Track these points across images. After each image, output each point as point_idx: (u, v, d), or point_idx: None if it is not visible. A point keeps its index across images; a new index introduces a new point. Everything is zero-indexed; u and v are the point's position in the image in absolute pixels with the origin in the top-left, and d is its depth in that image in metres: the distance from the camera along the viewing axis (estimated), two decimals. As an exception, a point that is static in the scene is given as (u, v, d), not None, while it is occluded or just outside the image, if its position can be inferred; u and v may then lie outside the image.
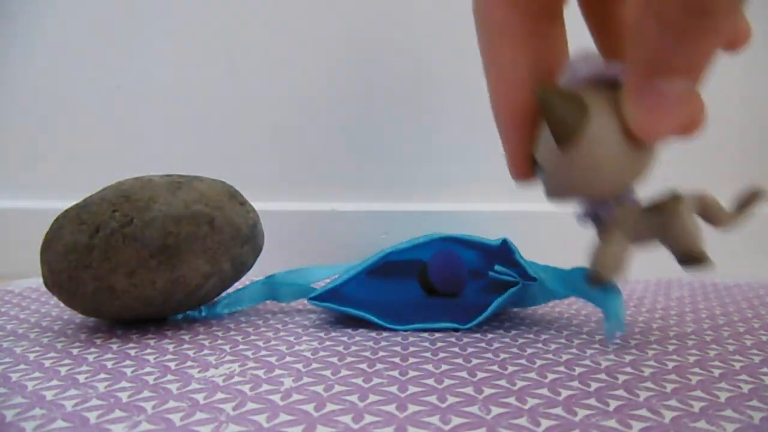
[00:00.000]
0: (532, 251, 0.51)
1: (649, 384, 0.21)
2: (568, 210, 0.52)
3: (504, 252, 0.31)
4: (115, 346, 0.27)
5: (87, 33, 0.58)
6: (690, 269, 0.22)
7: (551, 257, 0.50)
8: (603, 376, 0.22)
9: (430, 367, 0.23)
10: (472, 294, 0.36)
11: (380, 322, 0.29)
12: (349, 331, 0.29)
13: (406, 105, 0.56)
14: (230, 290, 0.35)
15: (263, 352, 0.26)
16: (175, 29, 0.57)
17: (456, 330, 0.29)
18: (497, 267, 0.31)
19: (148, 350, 0.26)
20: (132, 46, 0.58)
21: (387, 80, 0.56)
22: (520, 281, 0.29)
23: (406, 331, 0.29)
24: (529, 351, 0.25)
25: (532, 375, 0.22)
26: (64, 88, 0.59)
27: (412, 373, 0.22)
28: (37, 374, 0.23)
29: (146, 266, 0.28)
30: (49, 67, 0.59)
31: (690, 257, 0.22)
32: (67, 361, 0.25)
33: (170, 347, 0.27)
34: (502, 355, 0.25)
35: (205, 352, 0.26)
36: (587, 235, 0.51)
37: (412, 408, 0.18)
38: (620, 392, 0.20)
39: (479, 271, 0.37)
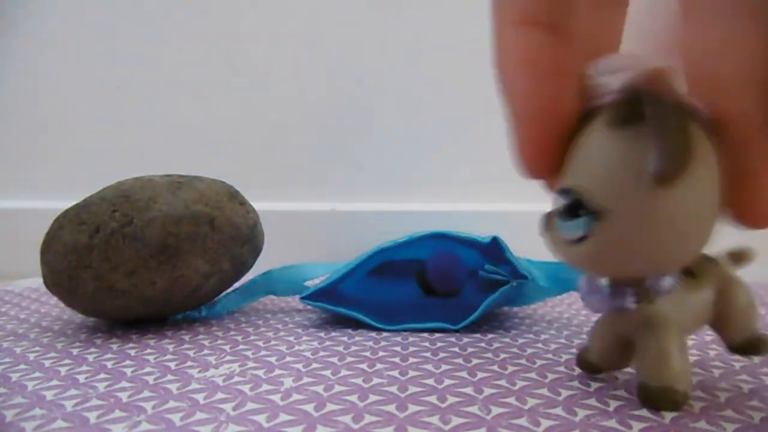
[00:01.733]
0: (531, 251, 0.51)
1: (649, 384, 0.21)
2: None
3: (495, 249, 0.31)
4: (115, 346, 0.27)
5: (87, 33, 0.58)
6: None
7: (547, 257, 0.50)
8: (603, 376, 0.22)
9: (430, 367, 0.23)
10: (471, 294, 0.36)
11: (371, 322, 0.29)
12: (349, 331, 0.29)
13: (406, 105, 0.56)
14: (230, 290, 0.35)
15: (263, 352, 0.26)
16: (175, 29, 0.57)
17: (449, 330, 0.29)
18: (486, 266, 0.31)
19: (148, 350, 0.26)
20: (132, 46, 0.58)
21: (388, 80, 0.56)
22: (510, 280, 0.29)
23: (397, 331, 0.29)
24: (529, 351, 0.25)
25: (532, 375, 0.22)
26: (64, 89, 0.59)
27: (412, 373, 0.22)
28: (37, 374, 0.23)
29: (146, 266, 0.28)
30: (49, 67, 0.59)
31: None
32: (67, 361, 0.25)
33: (170, 347, 0.27)
34: (502, 355, 0.25)
35: (205, 352, 0.26)
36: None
37: (412, 408, 0.18)
38: (620, 392, 0.20)
39: (478, 271, 0.37)
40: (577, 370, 0.22)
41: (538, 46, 0.15)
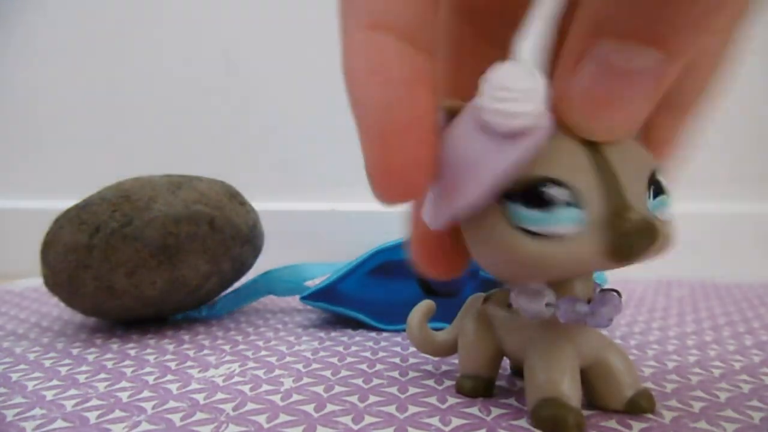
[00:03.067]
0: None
1: (649, 384, 0.21)
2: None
3: None
4: (115, 346, 0.27)
5: (87, 33, 0.58)
6: None
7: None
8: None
9: (430, 367, 0.23)
10: (470, 294, 0.36)
11: (371, 322, 0.29)
12: (349, 331, 0.29)
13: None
14: (230, 290, 0.35)
15: (263, 352, 0.26)
16: (175, 29, 0.57)
17: None
18: None
19: (148, 350, 0.26)
20: (132, 46, 0.58)
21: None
22: None
23: (397, 331, 0.29)
24: (529, 351, 0.25)
25: (532, 375, 0.22)
26: (64, 89, 0.59)
27: (412, 374, 0.22)
28: (37, 374, 0.23)
29: (146, 266, 0.28)
30: (49, 67, 0.59)
31: None
32: (67, 361, 0.25)
33: (170, 347, 0.27)
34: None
35: (205, 352, 0.26)
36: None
37: (413, 409, 0.18)
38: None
39: (478, 271, 0.37)
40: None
41: (391, 52, 0.13)
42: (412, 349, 0.26)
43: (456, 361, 0.24)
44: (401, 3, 0.13)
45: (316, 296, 0.31)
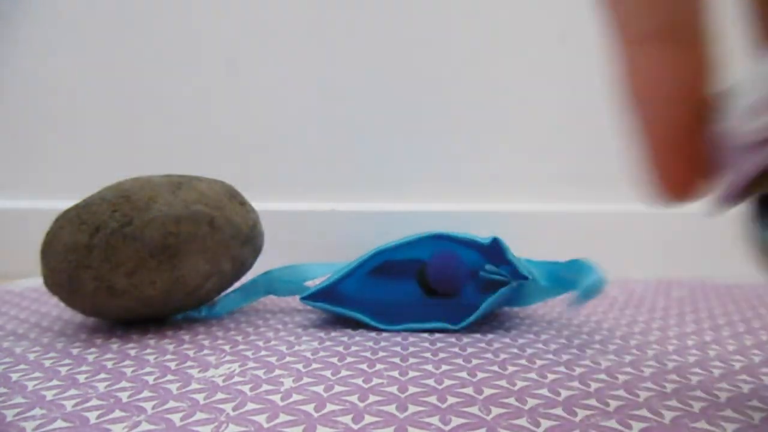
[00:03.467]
0: (528, 251, 0.51)
1: (649, 384, 0.21)
2: (562, 209, 0.52)
3: (496, 250, 0.31)
4: (115, 346, 0.27)
5: (87, 34, 0.58)
6: None
7: (547, 257, 0.50)
8: (603, 376, 0.22)
9: (430, 367, 0.23)
10: (471, 294, 0.37)
11: (371, 322, 0.29)
12: (349, 331, 0.29)
13: (406, 105, 0.56)
14: (230, 290, 0.35)
15: (263, 352, 0.26)
16: (177, 30, 0.57)
17: (450, 330, 0.29)
18: (487, 266, 0.31)
19: (148, 350, 0.26)
20: (132, 46, 0.58)
21: (387, 80, 0.56)
22: (510, 281, 0.29)
23: (397, 331, 0.29)
24: (529, 351, 0.25)
25: (532, 375, 0.22)
26: (64, 89, 0.59)
27: (412, 374, 0.22)
28: (37, 374, 0.23)
29: (146, 266, 0.28)
30: (50, 67, 0.59)
31: None
32: (67, 361, 0.25)
33: (170, 347, 0.27)
34: (502, 356, 0.25)
35: (205, 352, 0.26)
36: (583, 235, 0.51)
37: (412, 408, 0.18)
38: (620, 392, 0.20)
39: (478, 271, 0.37)
40: (577, 370, 0.22)
41: (668, 65, 0.14)
42: (412, 348, 0.26)
43: (456, 362, 0.24)
44: (661, 6, 0.14)
45: (316, 296, 0.31)
